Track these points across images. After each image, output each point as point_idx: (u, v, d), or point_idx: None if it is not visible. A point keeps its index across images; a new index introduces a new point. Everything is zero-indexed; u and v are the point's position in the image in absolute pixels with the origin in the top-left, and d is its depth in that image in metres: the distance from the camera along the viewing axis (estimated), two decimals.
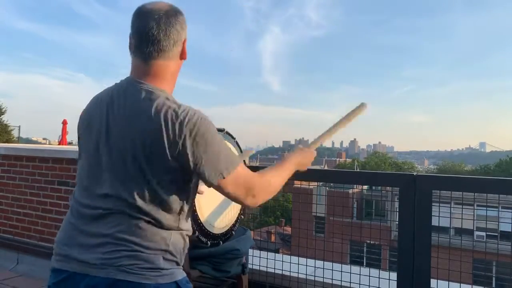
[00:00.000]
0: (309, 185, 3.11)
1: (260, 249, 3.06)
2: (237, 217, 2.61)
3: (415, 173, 2.40)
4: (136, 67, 1.24)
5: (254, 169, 3.28)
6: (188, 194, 1.24)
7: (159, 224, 1.16)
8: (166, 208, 1.17)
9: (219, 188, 1.21)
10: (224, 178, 1.18)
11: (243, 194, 1.24)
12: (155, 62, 1.21)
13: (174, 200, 1.18)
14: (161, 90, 1.21)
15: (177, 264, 1.22)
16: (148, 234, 1.14)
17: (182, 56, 1.28)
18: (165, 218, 1.17)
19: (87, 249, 1.14)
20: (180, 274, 1.21)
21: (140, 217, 1.14)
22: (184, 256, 1.27)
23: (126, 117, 1.17)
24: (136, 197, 1.14)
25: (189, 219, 1.27)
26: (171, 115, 1.13)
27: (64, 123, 15.59)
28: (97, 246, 1.13)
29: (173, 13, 1.22)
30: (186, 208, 1.23)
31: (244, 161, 2.67)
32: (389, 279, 2.35)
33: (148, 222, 1.15)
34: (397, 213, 2.35)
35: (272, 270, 2.80)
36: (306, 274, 2.67)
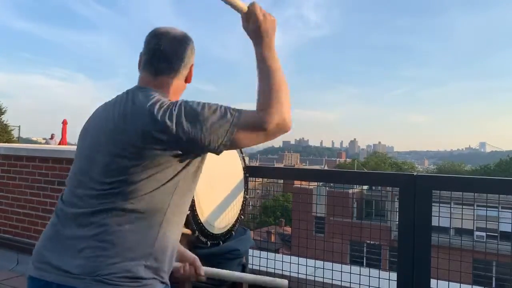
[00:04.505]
0: (309, 185, 3.11)
1: (260, 249, 3.06)
2: (237, 217, 2.61)
3: (415, 173, 2.40)
4: (143, 79, 1.30)
5: (254, 169, 3.25)
6: (174, 192, 1.17)
7: (144, 225, 1.12)
8: (151, 207, 1.13)
9: None
10: None
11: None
12: (162, 78, 1.28)
13: (159, 198, 1.14)
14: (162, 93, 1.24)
15: (158, 271, 1.15)
16: (130, 238, 1.10)
17: (188, 79, 1.35)
18: (151, 218, 1.13)
19: (69, 255, 1.10)
20: (159, 286, 1.15)
21: (124, 218, 1.10)
22: (171, 263, 1.21)
23: (120, 118, 1.17)
24: (120, 195, 1.11)
25: (179, 220, 1.23)
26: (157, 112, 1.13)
27: (64, 123, 15.60)
28: (78, 251, 1.09)
29: (186, 38, 1.33)
30: (173, 207, 1.18)
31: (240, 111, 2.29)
32: (389, 279, 2.35)
33: (132, 222, 1.10)
34: (397, 213, 2.36)
35: (272, 270, 2.80)
36: (306, 274, 2.67)
